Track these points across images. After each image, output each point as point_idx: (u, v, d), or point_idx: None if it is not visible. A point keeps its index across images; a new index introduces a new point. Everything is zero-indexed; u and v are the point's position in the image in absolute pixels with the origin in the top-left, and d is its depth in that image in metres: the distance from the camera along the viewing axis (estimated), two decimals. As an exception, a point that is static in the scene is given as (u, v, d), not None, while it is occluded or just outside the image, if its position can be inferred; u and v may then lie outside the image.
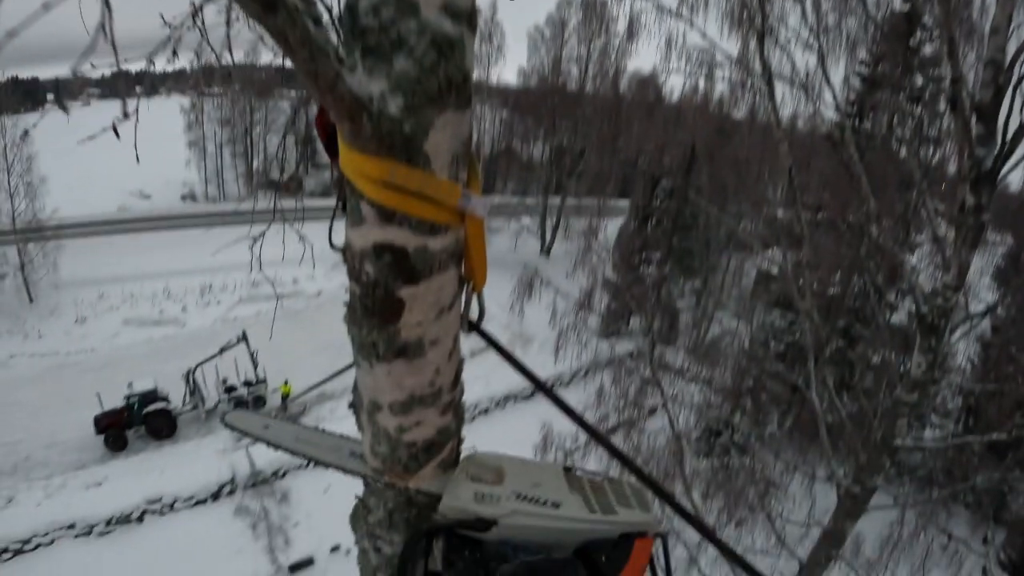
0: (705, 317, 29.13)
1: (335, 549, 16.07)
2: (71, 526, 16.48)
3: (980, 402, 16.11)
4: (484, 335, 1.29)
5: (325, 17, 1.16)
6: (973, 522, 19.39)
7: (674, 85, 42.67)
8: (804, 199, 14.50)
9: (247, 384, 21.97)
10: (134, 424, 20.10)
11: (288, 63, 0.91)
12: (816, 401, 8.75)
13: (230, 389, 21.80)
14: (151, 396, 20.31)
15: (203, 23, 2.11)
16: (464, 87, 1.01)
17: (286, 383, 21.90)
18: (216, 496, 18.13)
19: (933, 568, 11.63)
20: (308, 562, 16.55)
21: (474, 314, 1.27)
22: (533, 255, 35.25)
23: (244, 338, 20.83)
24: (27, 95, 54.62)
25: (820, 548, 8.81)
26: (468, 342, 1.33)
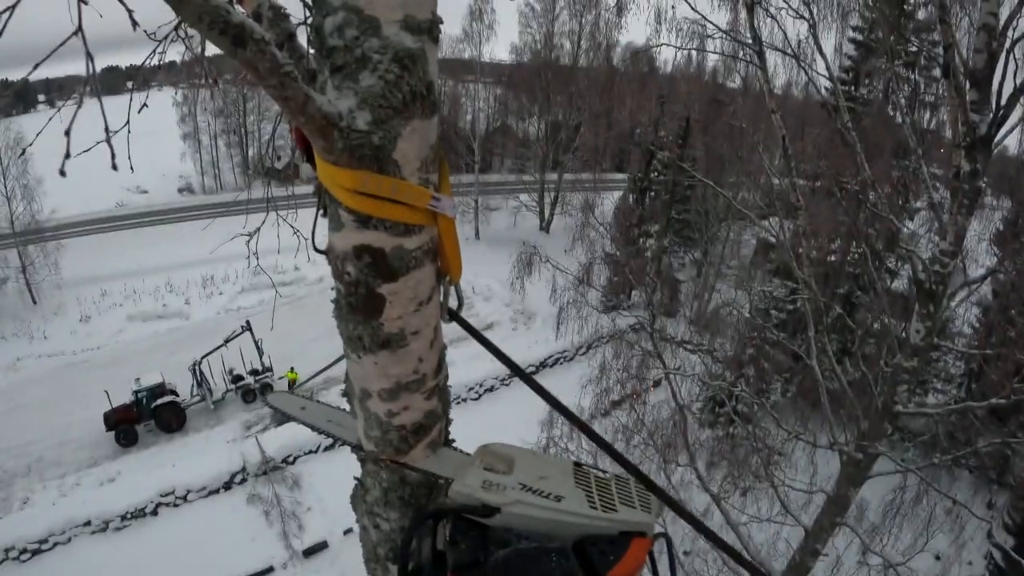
0: (705, 288, 29.13)
1: (348, 532, 16.19)
2: (87, 523, 16.71)
3: (982, 367, 16.12)
4: (463, 323, 1.36)
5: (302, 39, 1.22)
6: (976, 486, 19.51)
7: (667, 58, 42.36)
8: (801, 168, 14.45)
9: (253, 373, 22.14)
10: (143, 418, 20.28)
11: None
12: (817, 369, 8.82)
13: (237, 379, 21.97)
14: (159, 390, 20.47)
15: (186, 32, 2.16)
16: (428, 96, 1.08)
17: (292, 370, 22.09)
18: (228, 485, 18.35)
19: (937, 532, 11.70)
20: (322, 546, 16.79)
21: (454, 304, 1.34)
22: (532, 232, 35.28)
23: (248, 327, 20.97)
24: (18, 97, 54.28)
25: (824, 514, 8.90)
26: (472, 320, 1.38)
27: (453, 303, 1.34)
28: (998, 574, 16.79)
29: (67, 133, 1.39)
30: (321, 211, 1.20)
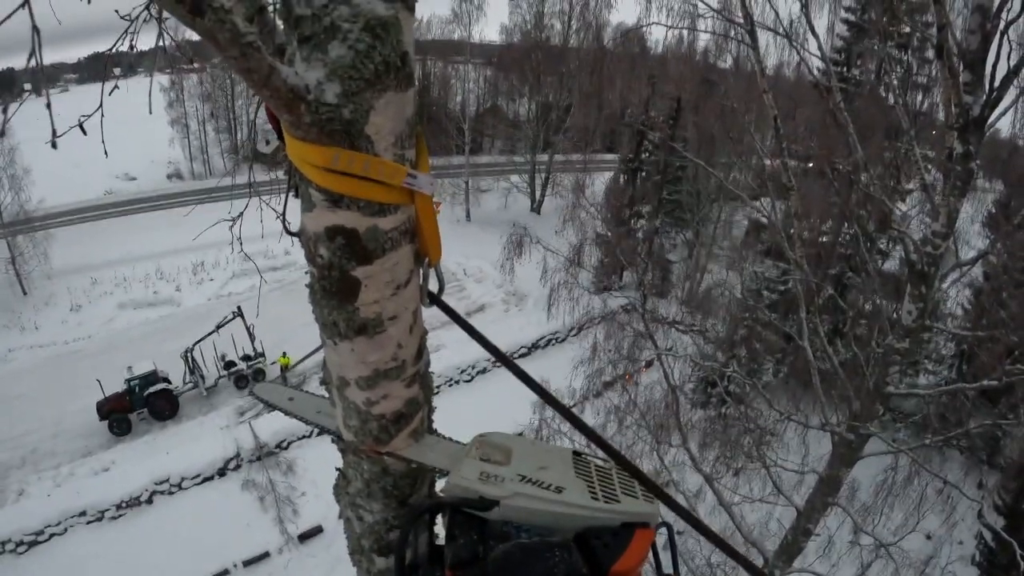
0: (697, 269, 29.19)
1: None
2: (82, 513, 16.71)
3: (973, 348, 16.25)
4: (443, 307, 1.31)
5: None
6: (967, 467, 19.77)
7: (658, 38, 42.17)
8: (792, 148, 14.44)
9: (246, 359, 22.11)
10: (136, 407, 20.23)
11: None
12: (809, 350, 8.83)
13: (229, 365, 21.93)
14: (151, 378, 20.41)
15: (160, 13, 2.09)
16: (403, 67, 1.02)
17: (284, 355, 22.07)
18: (223, 472, 18.37)
19: (928, 513, 11.83)
20: (317, 531, 16.87)
21: (435, 287, 1.29)
22: (523, 213, 35.20)
23: (240, 313, 20.90)
24: (3, 86, 53.64)
25: (816, 494, 8.95)
26: (464, 302, 1.33)
27: (434, 286, 1.29)
28: (988, 554, 17.03)
29: (48, 106, 1.33)
30: (292, 191, 1.15)
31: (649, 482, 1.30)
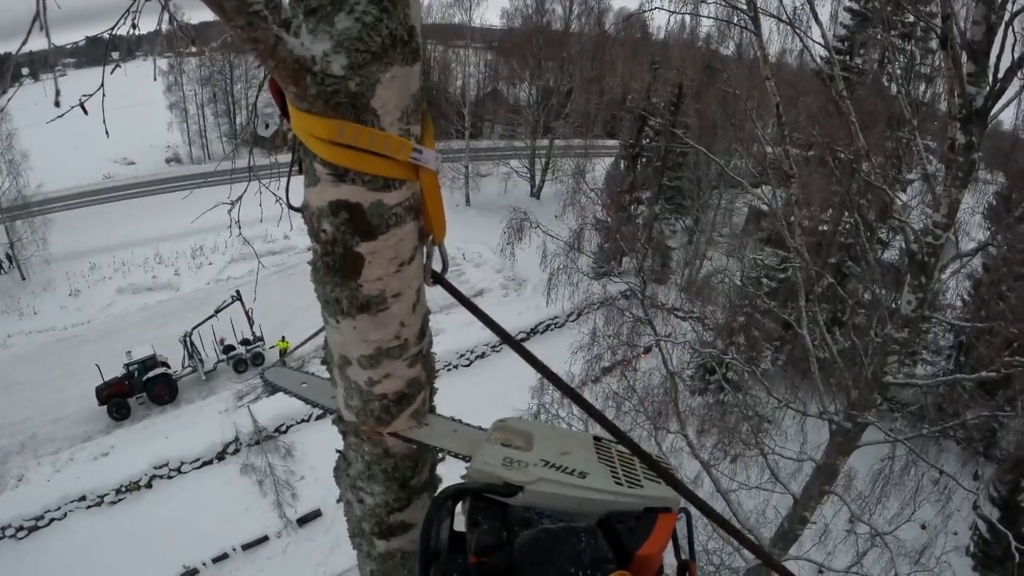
0: (697, 255, 29.21)
1: (341, 500, 16.30)
2: (82, 498, 16.74)
3: (972, 340, 16.29)
4: (447, 286, 1.30)
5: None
6: (964, 458, 19.86)
7: (660, 23, 41.92)
8: (794, 136, 14.40)
9: (245, 343, 22.14)
10: (135, 392, 20.26)
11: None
12: (807, 338, 8.87)
13: (228, 349, 21.96)
14: (150, 362, 20.41)
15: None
16: (410, 41, 1.01)
17: (283, 339, 22.10)
18: (221, 456, 18.42)
19: (924, 503, 11.89)
20: (316, 514, 16.96)
21: (438, 265, 1.28)
22: (523, 198, 35.16)
23: (238, 297, 20.90)
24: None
25: (813, 483, 9.02)
26: (463, 287, 1.32)
27: (437, 265, 1.28)
28: (983, 545, 17.15)
29: (55, 78, 1.31)
30: (296, 166, 1.13)
31: (655, 464, 1.29)
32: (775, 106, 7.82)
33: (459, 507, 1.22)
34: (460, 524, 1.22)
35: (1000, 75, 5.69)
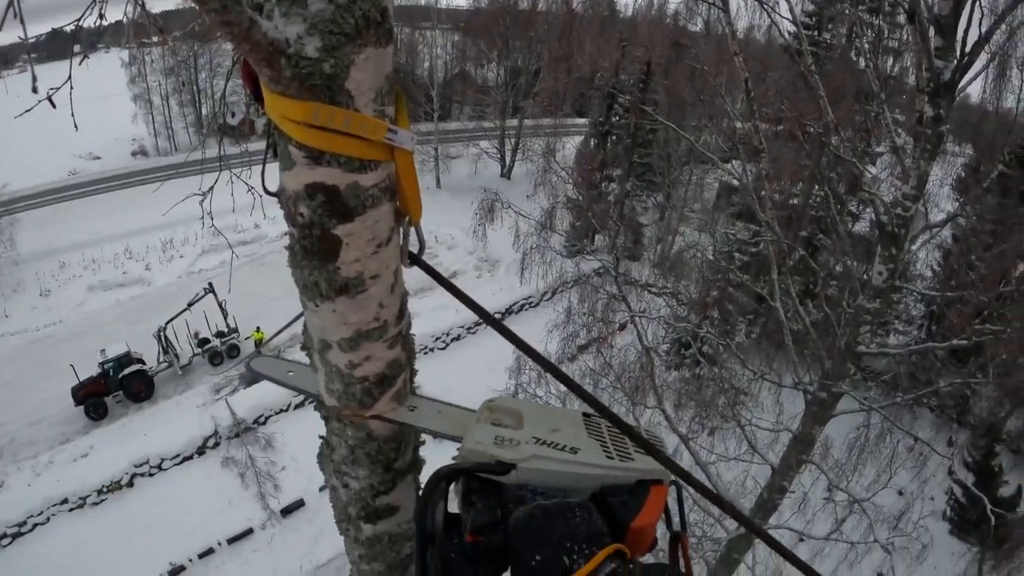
0: (669, 231, 29.43)
1: (324, 488, 16.12)
2: (64, 501, 16.57)
3: (942, 309, 16.63)
4: (424, 267, 1.31)
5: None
6: (937, 425, 20.40)
7: (627, 1, 41.83)
8: (763, 111, 14.48)
9: (219, 335, 21.96)
10: (112, 390, 20.04)
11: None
12: (781, 310, 8.96)
13: (203, 342, 21.77)
14: (125, 359, 20.18)
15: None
16: (383, 23, 1.01)
17: (258, 329, 21.94)
18: (202, 451, 18.32)
19: (899, 469, 12.16)
20: (299, 504, 16.98)
21: (415, 246, 1.28)
22: (494, 179, 34.94)
23: (211, 290, 20.70)
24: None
25: (790, 452, 9.15)
26: (436, 269, 1.32)
27: (414, 247, 1.28)
28: (959, 509, 17.64)
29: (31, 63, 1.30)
30: (271, 151, 1.13)
31: (638, 437, 1.32)
32: (744, 81, 7.85)
33: (451, 488, 1.23)
34: (452, 506, 1.23)
35: (967, 49, 5.77)
